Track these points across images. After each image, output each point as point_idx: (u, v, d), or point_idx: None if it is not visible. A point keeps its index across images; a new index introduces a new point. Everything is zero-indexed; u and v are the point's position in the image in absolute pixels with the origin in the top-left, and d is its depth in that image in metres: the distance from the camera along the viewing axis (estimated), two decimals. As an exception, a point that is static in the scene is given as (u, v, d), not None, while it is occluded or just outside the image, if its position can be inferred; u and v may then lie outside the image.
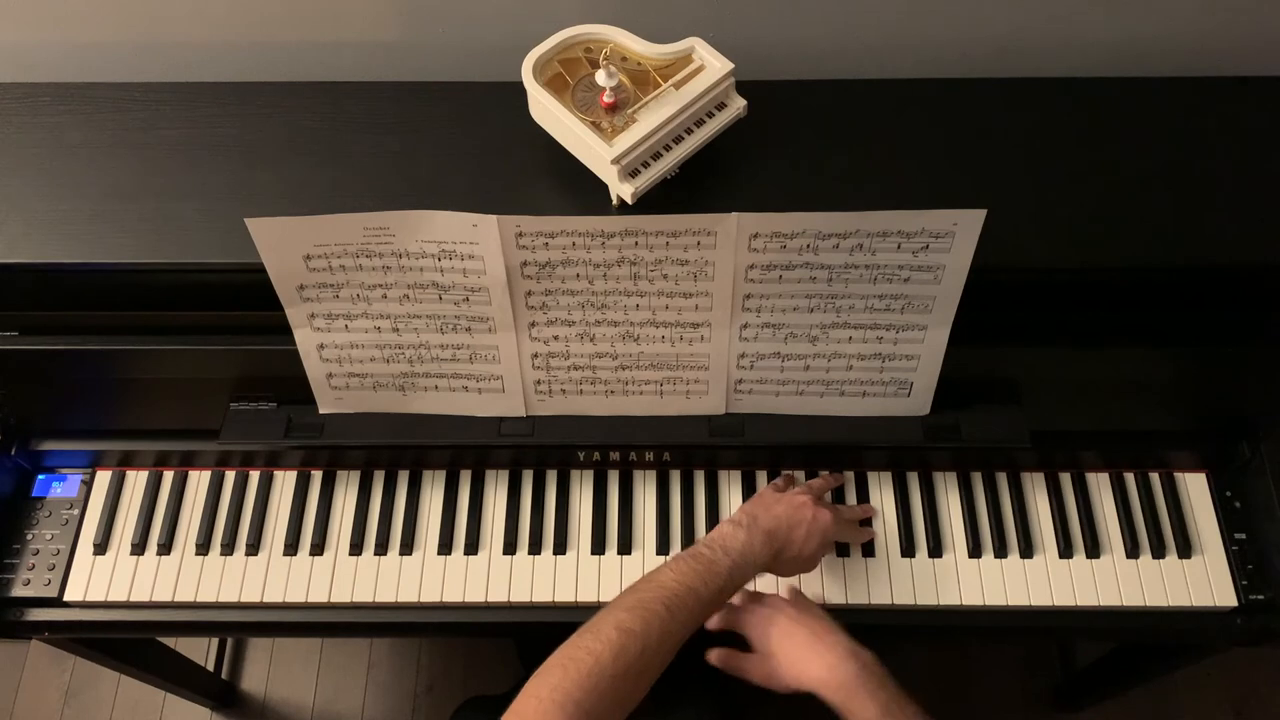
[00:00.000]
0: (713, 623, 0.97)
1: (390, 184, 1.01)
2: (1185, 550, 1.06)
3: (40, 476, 1.10)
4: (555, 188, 0.99)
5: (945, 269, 0.91)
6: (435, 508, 1.09)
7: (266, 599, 1.05)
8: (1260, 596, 1.03)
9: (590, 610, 1.02)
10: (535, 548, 1.07)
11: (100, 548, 1.07)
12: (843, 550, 1.07)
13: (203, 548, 1.07)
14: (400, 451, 1.11)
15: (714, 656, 0.97)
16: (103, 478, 1.11)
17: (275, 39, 1.15)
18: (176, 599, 1.05)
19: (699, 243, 0.90)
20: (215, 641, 1.76)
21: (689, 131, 0.95)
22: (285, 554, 1.07)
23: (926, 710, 0.87)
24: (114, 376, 1.05)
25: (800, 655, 0.91)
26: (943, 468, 1.11)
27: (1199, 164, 1.03)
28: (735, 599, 0.96)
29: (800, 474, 1.11)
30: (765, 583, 1.04)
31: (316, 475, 1.12)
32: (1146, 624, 1.05)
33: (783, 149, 1.02)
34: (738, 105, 0.96)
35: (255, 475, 1.12)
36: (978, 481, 1.10)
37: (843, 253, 0.91)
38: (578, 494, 1.10)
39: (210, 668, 1.72)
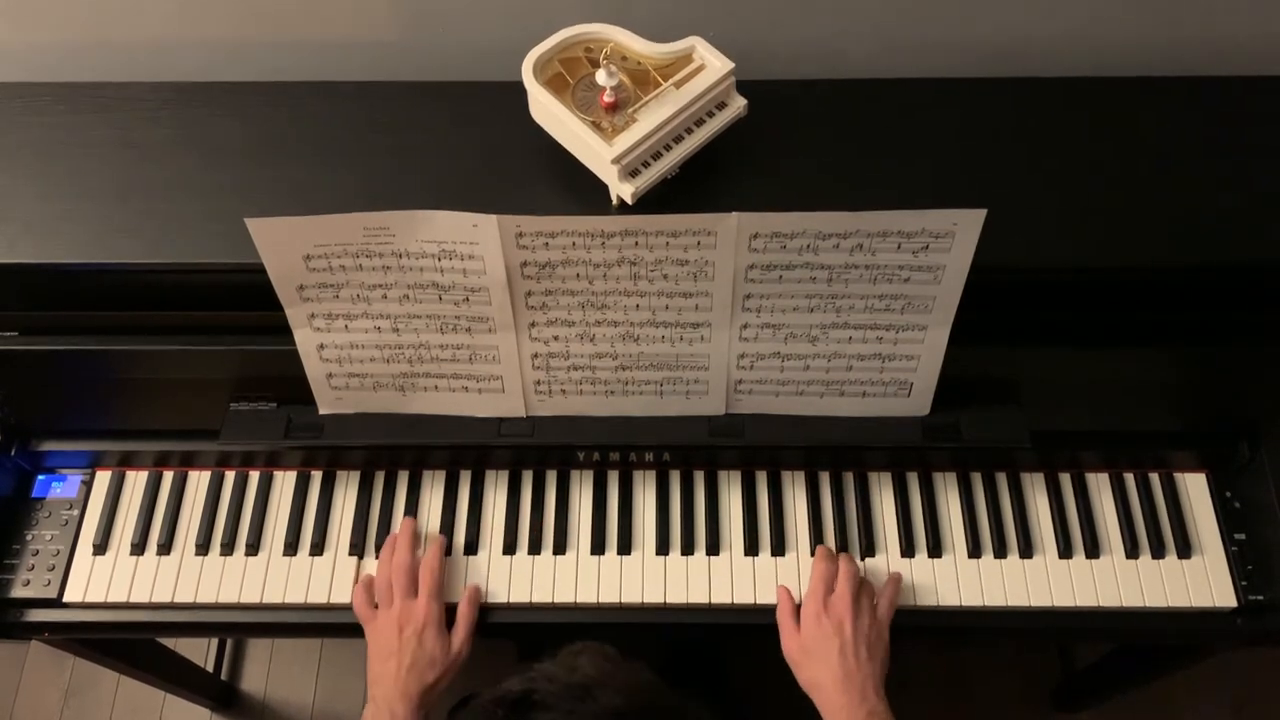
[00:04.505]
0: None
1: (390, 184, 1.00)
2: (1185, 550, 1.06)
3: (40, 477, 1.10)
4: (555, 188, 0.99)
5: (945, 269, 0.91)
6: (435, 508, 1.09)
7: (266, 599, 1.05)
8: (1260, 596, 1.03)
9: (588, 610, 1.03)
10: (535, 548, 1.07)
11: (100, 548, 1.07)
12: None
13: (202, 548, 1.07)
14: (400, 451, 1.11)
15: (782, 590, 1.02)
16: (102, 478, 1.11)
17: (275, 39, 1.15)
18: (176, 599, 1.05)
19: (699, 243, 0.90)
20: (215, 642, 1.76)
21: (689, 131, 0.95)
22: (285, 554, 1.07)
23: None
24: (114, 376, 1.05)
25: (823, 681, 0.94)
26: (942, 468, 1.11)
27: (1199, 164, 1.03)
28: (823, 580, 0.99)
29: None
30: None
31: (316, 475, 1.11)
32: (1146, 624, 1.05)
33: (783, 149, 1.02)
34: (738, 105, 0.96)
35: (255, 475, 1.12)
36: (977, 482, 1.10)
37: (843, 253, 0.91)
38: (577, 494, 1.10)
39: (210, 668, 1.72)
